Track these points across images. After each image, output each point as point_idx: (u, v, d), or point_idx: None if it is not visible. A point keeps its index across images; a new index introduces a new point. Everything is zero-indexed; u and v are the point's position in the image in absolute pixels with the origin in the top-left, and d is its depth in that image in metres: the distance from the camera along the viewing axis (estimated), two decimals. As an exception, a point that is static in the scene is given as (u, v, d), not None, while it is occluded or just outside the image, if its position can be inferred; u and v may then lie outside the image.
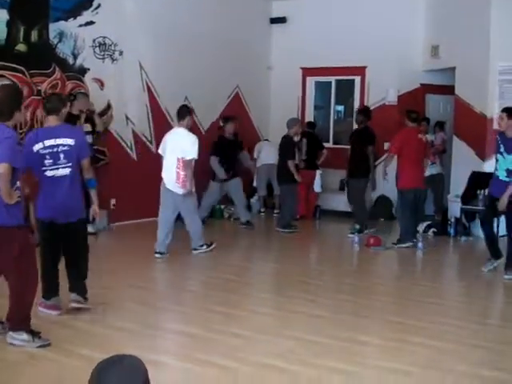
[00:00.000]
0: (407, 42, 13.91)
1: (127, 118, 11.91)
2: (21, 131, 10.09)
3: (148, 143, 12.39)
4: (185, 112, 9.92)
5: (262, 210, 14.00)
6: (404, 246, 10.51)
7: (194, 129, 13.15)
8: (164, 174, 9.51)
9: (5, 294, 5.75)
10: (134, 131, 12.11)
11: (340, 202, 13.33)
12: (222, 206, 13.22)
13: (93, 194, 6.86)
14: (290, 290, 8.01)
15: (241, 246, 11.26)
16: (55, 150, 6.33)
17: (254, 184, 13.93)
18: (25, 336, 5.64)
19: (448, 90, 13.39)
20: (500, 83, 11.75)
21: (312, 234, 12.78)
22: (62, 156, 6.34)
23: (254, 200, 14.09)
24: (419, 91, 14.25)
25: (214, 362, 5.42)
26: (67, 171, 6.37)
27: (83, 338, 5.96)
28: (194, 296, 7.67)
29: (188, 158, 9.34)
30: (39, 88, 10.39)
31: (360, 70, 14.47)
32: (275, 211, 13.48)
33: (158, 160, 12.20)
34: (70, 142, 6.38)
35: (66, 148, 6.34)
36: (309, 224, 13.23)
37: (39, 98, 10.32)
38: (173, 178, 9.36)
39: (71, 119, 10.43)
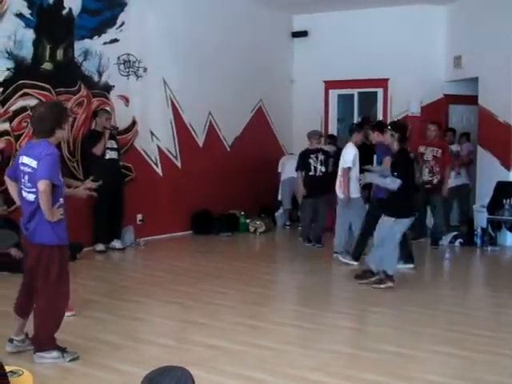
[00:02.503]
0: (429, 52, 13.92)
1: (152, 133, 11.98)
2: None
3: (173, 158, 12.45)
4: (352, 129, 10.94)
5: (288, 223, 14.00)
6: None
7: (217, 144, 13.30)
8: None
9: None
10: (159, 147, 12.17)
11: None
12: (248, 220, 13.24)
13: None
14: (317, 302, 8.03)
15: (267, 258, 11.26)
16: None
17: (279, 198, 13.96)
18: (55, 354, 5.64)
19: (471, 100, 13.36)
20: (523, 92, 11.75)
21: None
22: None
23: (278, 213, 14.12)
24: (442, 102, 14.23)
25: (244, 375, 5.44)
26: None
27: (113, 352, 6.00)
28: (224, 310, 7.67)
29: (344, 166, 10.30)
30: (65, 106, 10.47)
31: (382, 82, 14.48)
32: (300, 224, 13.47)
33: (183, 175, 12.34)
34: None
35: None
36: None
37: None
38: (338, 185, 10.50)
39: (96, 136, 10.57)
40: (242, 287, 8.71)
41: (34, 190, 5.42)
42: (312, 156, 11.53)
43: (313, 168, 11.49)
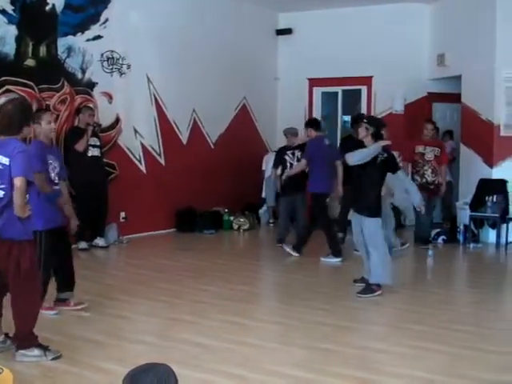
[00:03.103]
0: (413, 51, 13.98)
1: (136, 130, 11.96)
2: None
3: (157, 156, 12.43)
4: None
5: (272, 220, 14.01)
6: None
7: (201, 141, 13.29)
8: None
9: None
10: (142, 144, 12.14)
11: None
12: (232, 217, 13.25)
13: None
14: (301, 299, 8.04)
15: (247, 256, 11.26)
16: None
17: (263, 195, 13.97)
18: (36, 352, 5.59)
19: (454, 98, 13.43)
20: (506, 90, 11.80)
21: (324, 242, 12.77)
22: None
23: (262, 211, 14.14)
24: (426, 100, 14.30)
25: (228, 372, 5.44)
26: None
27: (98, 350, 5.97)
28: (208, 307, 7.66)
29: None
30: (48, 103, 10.44)
31: (366, 80, 14.52)
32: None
33: (166, 172, 12.33)
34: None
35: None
36: (320, 233, 13.26)
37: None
38: None
39: (79, 133, 10.53)
40: (226, 285, 8.71)
41: (3, 186, 5.38)
42: (288, 153, 11.42)
43: (289, 165, 11.36)
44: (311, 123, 10.96)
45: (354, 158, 8.11)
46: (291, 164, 11.33)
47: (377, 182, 8.11)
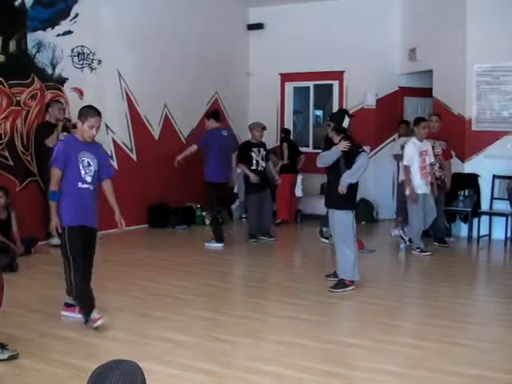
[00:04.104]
0: (384, 45, 14.02)
1: (107, 126, 11.85)
2: (1, 142, 10.08)
3: (128, 151, 12.36)
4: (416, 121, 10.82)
5: (244, 215, 14.00)
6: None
7: (173, 136, 13.24)
8: None
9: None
10: (114, 140, 12.07)
11: (321, 206, 13.33)
12: (204, 213, 13.21)
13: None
14: (274, 294, 8.04)
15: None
16: None
17: (235, 190, 13.96)
18: None
19: (426, 92, 13.48)
20: (477, 84, 11.85)
21: (296, 238, 12.82)
22: None
23: (234, 206, 14.14)
24: (397, 94, 14.35)
25: (200, 368, 5.42)
26: None
27: (68, 347, 5.93)
28: (180, 303, 7.64)
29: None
30: (18, 99, 10.35)
31: (338, 75, 14.55)
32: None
33: (138, 168, 12.27)
34: None
35: None
36: (292, 228, 13.33)
37: (19, 108, 10.32)
38: None
39: (49, 128, 10.43)
40: (198, 280, 8.70)
41: None
42: (254, 149, 11.47)
43: (255, 162, 11.42)
44: (212, 115, 11.35)
45: (318, 162, 8.27)
46: (257, 162, 11.39)
47: (341, 175, 8.09)
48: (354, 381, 5.31)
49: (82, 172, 6.50)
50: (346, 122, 8.27)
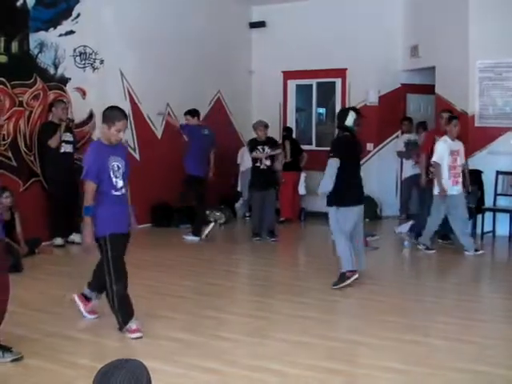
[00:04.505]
0: (387, 42, 13.99)
1: (110, 126, 11.85)
2: (4, 142, 10.09)
3: (131, 151, 12.36)
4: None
5: (248, 214, 13.99)
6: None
7: (176, 135, 13.23)
8: None
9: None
10: (117, 139, 12.04)
11: (324, 203, 13.31)
12: (208, 212, 13.19)
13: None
14: (278, 292, 8.05)
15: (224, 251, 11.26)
16: None
17: (239, 189, 13.97)
18: None
19: (428, 89, 13.46)
20: (480, 81, 11.83)
21: (299, 237, 12.83)
22: None
23: (238, 204, 14.14)
24: (400, 91, 14.33)
25: (205, 367, 5.43)
26: None
27: (78, 348, 5.94)
28: (185, 302, 7.64)
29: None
30: (21, 99, 10.36)
31: (340, 72, 14.53)
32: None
33: (141, 167, 12.26)
34: None
35: None
36: (296, 226, 13.33)
37: (21, 108, 10.34)
38: None
39: (52, 128, 10.44)
40: (202, 279, 8.71)
41: None
42: (259, 147, 11.47)
43: (259, 160, 11.47)
44: (188, 111, 11.74)
45: (321, 190, 8.40)
46: (261, 160, 11.42)
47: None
48: (358, 378, 5.33)
49: (114, 180, 6.41)
50: (349, 120, 8.25)
